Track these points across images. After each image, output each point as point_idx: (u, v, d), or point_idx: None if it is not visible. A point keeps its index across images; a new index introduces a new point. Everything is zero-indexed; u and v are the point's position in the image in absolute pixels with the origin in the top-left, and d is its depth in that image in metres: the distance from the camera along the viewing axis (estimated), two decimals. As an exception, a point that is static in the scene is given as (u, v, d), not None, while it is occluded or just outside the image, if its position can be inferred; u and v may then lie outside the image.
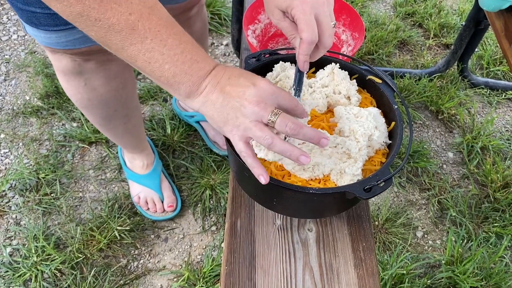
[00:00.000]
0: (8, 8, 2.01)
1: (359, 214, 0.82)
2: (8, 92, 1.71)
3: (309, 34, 0.62)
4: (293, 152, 0.58)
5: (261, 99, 0.58)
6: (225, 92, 0.58)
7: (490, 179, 1.54)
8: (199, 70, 0.58)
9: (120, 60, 1.04)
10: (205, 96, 0.59)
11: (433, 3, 2.20)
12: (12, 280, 1.25)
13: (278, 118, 0.57)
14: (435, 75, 1.83)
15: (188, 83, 0.58)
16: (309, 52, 0.64)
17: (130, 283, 1.28)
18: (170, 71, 0.57)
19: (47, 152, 1.54)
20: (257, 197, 0.76)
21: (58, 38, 0.84)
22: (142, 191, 1.39)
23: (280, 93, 0.60)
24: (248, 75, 0.60)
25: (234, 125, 0.58)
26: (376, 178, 0.63)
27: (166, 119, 1.60)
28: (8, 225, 1.37)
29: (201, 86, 0.59)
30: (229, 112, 0.58)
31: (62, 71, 0.97)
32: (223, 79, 0.59)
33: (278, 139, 0.57)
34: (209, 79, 0.59)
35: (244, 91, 0.58)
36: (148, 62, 0.56)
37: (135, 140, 1.31)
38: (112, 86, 1.03)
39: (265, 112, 0.57)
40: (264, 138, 0.57)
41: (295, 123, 0.57)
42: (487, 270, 1.32)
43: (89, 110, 1.08)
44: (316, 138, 0.59)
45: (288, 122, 0.57)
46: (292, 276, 0.73)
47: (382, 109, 0.77)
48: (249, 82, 0.59)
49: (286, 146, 0.57)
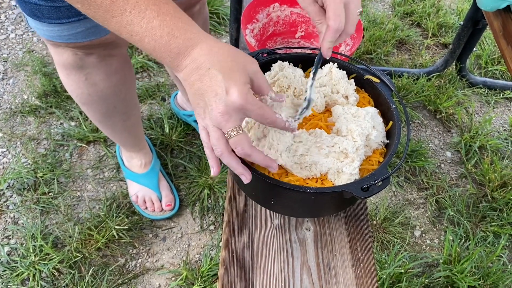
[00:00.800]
0: (6, 7, 2.00)
1: (357, 213, 0.82)
2: (6, 91, 1.70)
3: (336, 22, 0.63)
4: (237, 169, 0.61)
5: (227, 111, 0.57)
6: (202, 82, 0.58)
7: (488, 178, 1.55)
8: (178, 47, 0.57)
9: (121, 55, 1.04)
10: (184, 75, 0.59)
11: (431, 2, 2.20)
12: (10, 279, 1.24)
13: (235, 137, 0.58)
14: (433, 75, 1.84)
15: (167, 59, 0.58)
16: (334, 39, 0.66)
17: (128, 282, 1.28)
18: (149, 45, 0.57)
19: (45, 151, 1.54)
20: (255, 196, 0.76)
21: (60, 32, 0.85)
22: (140, 190, 1.39)
23: (250, 109, 0.57)
24: (228, 74, 0.57)
25: (200, 115, 0.59)
26: (374, 177, 0.63)
27: (164, 118, 1.60)
28: (6, 224, 1.36)
29: (180, 64, 0.58)
30: (200, 102, 0.59)
31: (63, 65, 0.97)
32: (205, 63, 0.58)
33: (227, 153, 0.59)
34: (188, 60, 0.58)
35: (216, 93, 0.56)
36: (130, 35, 0.57)
37: (133, 138, 1.30)
38: (112, 81, 1.03)
39: (226, 125, 0.57)
40: (217, 148, 0.59)
41: (245, 149, 0.58)
42: (484, 269, 1.33)
43: (88, 105, 1.08)
44: (263, 164, 0.62)
45: (240, 145, 0.58)
46: (290, 275, 0.73)
47: (379, 108, 0.78)
48: (224, 86, 0.56)
49: (232, 162, 0.60)
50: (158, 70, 1.80)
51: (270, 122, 0.60)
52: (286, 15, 1.06)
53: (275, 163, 0.62)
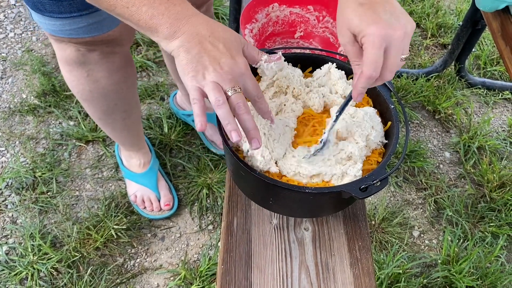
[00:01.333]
0: (5, 6, 2.00)
1: (355, 213, 0.82)
2: (5, 90, 1.70)
3: (370, 70, 0.58)
4: (230, 123, 0.58)
5: (231, 72, 0.59)
6: (203, 47, 0.59)
7: (487, 179, 1.55)
8: (177, 13, 0.59)
9: (123, 53, 1.03)
10: (181, 41, 0.60)
11: (430, 3, 2.20)
12: (8, 278, 1.24)
13: (236, 93, 0.59)
14: (432, 75, 1.84)
15: (165, 25, 0.59)
16: (367, 86, 0.62)
17: (126, 281, 1.28)
18: (147, 13, 0.58)
19: (44, 150, 1.53)
20: (254, 196, 0.76)
21: (62, 26, 0.85)
22: (139, 190, 1.39)
23: (251, 79, 0.61)
24: (231, 44, 0.61)
25: (196, 77, 0.59)
26: (372, 177, 0.63)
27: (163, 118, 1.60)
28: (4, 224, 1.36)
29: (179, 30, 0.59)
30: (198, 65, 0.59)
31: (65, 61, 0.97)
32: (204, 31, 0.60)
33: (226, 106, 0.58)
34: (188, 26, 0.60)
35: (221, 56, 0.59)
36: (126, 7, 0.58)
37: (133, 137, 1.30)
38: (114, 79, 1.03)
39: (228, 83, 0.59)
40: (217, 98, 0.58)
41: (246, 106, 0.60)
42: (483, 269, 1.33)
43: (89, 102, 1.08)
44: (250, 133, 0.60)
45: (241, 101, 0.59)
46: (288, 275, 0.73)
47: (378, 108, 0.78)
48: (229, 52, 0.60)
49: (229, 115, 0.59)
50: (157, 70, 1.80)
51: (259, 97, 0.63)
52: (285, 15, 1.06)
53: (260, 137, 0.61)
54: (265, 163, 0.67)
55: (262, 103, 0.64)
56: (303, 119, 0.76)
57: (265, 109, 0.65)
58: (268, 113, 0.65)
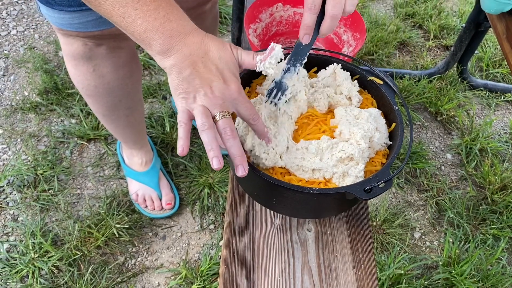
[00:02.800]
0: (8, 3, 2.00)
1: (358, 214, 0.82)
2: (7, 88, 1.70)
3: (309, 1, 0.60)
4: (213, 150, 0.58)
5: (222, 97, 0.59)
6: (195, 69, 0.59)
7: (488, 181, 1.55)
8: (171, 30, 0.59)
9: (129, 48, 1.04)
10: (175, 60, 0.59)
11: (433, 4, 2.20)
12: (9, 276, 1.24)
13: (224, 119, 0.59)
14: (435, 77, 1.84)
15: (158, 41, 0.59)
16: (309, 22, 0.62)
17: (127, 280, 1.28)
18: (142, 26, 0.58)
19: (45, 148, 1.53)
20: (257, 196, 0.76)
21: (71, 19, 0.85)
22: (141, 189, 1.39)
23: (243, 102, 0.61)
24: (225, 65, 0.61)
25: (187, 99, 0.59)
26: (376, 179, 0.63)
27: (165, 117, 1.60)
28: (6, 221, 1.36)
29: (172, 48, 0.59)
30: (189, 87, 0.59)
31: (72, 55, 0.97)
32: (198, 51, 0.60)
33: (212, 131, 0.58)
34: (181, 45, 0.59)
35: (212, 80, 0.59)
36: (122, 17, 0.58)
37: (136, 134, 1.30)
38: (119, 74, 1.03)
39: (218, 108, 0.59)
40: (203, 123, 0.58)
41: (233, 132, 0.59)
42: (484, 271, 1.33)
43: (94, 98, 1.08)
44: (236, 159, 0.59)
45: (228, 126, 0.59)
46: (291, 275, 0.73)
47: (382, 110, 0.77)
48: (222, 75, 0.60)
49: (212, 141, 0.58)
50: (159, 69, 1.79)
51: (254, 120, 0.62)
52: (289, 15, 1.06)
53: (246, 165, 0.60)
54: (270, 160, 0.67)
55: (257, 125, 0.63)
56: (307, 117, 0.75)
57: (261, 131, 0.64)
58: (265, 134, 0.65)
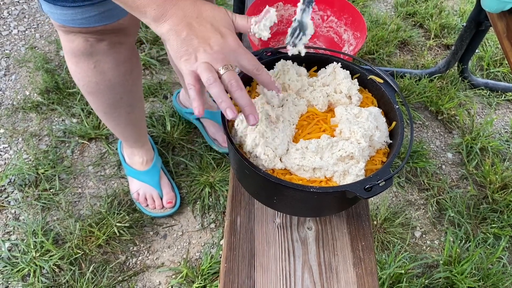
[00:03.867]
0: (9, 2, 2.00)
1: (359, 213, 0.82)
2: (8, 87, 1.70)
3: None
4: (224, 101, 0.59)
5: (222, 51, 0.60)
6: (191, 29, 0.61)
7: (489, 180, 1.55)
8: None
9: (130, 44, 1.04)
10: (170, 24, 0.61)
11: (434, 3, 2.20)
12: (10, 275, 1.25)
13: (228, 71, 0.60)
14: (435, 76, 1.84)
15: (152, 6, 0.60)
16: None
17: (128, 279, 1.29)
18: None
19: (47, 147, 1.54)
20: (257, 195, 0.76)
21: (74, 15, 0.85)
22: (141, 188, 1.39)
23: (244, 53, 0.62)
24: (219, 23, 0.63)
25: (189, 60, 0.60)
26: (377, 177, 0.63)
27: (166, 116, 1.60)
28: (7, 220, 1.36)
29: (166, 12, 0.61)
30: (189, 48, 0.60)
31: (73, 52, 0.97)
32: (191, 13, 0.62)
33: (218, 83, 0.59)
34: (175, 9, 0.61)
35: (210, 37, 0.61)
36: None
37: (137, 132, 1.30)
38: (120, 70, 1.03)
39: (220, 62, 0.60)
40: (208, 78, 0.59)
41: (238, 82, 0.60)
42: (484, 270, 1.33)
43: (95, 95, 1.08)
44: (245, 109, 0.61)
45: (233, 78, 0.60)
46: (291, 274, 0.73)
47: (383, 108, 0.78)
48: (218, 31, 0.62)
49: (222, 93, 0.59)
50: (160, 68, 1.80)
51: (258, 70, 0.63)
52: (290, 14, 1.06)
53: (257, 113, 0.61)
54: (269, 161, 0.67)
55: (263, 75, 0.64)
56: (307, 117, 0.76)
57: (268, 80, 0.65)
58: (272, 83, 0.66)
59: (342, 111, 0.73)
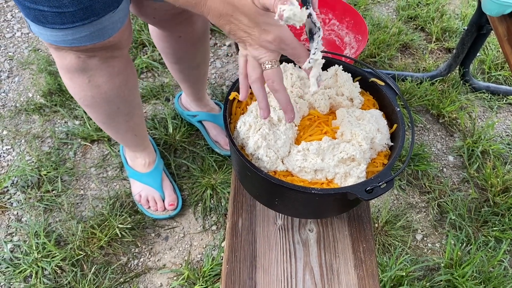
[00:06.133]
0: (12, 5, 2.02)
1: (360, 215, 0.82)
2: (11, 89, 1.71)
3: None
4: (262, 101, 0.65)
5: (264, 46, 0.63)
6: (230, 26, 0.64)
7: (490, 183, 1.55)
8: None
9: (123, 57, 1.04)
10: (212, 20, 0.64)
11: (435, 7, 2.20)
12: (12, 276, 1.25)
13: (270, 70, 0.64)
14: (437, 79, 1.84)
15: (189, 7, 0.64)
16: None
17: (130, 281, 1.29)
18: None
19: (49, 149, 1.54)
20: (259, 196, 0.76)
21: (64, 36, 0.85)
22: (143, 190, 1.40)
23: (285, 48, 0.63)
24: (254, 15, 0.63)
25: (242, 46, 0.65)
26: (378, 179, 0.64)
27: (168, 118, 1.61)
28: (10, 222, 1.37)
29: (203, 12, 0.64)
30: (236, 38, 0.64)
31: (66, 68, 0.97)
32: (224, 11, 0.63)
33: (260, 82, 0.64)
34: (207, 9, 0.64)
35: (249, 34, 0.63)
36: None
37: (137, 138, 1.31)
38: (115, 83, 1.03)
39: (263, 58, 0.63)
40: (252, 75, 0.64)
41: (276, 82, 0.64)
42: (486, 273, 1.33)
43: (92, 108, 1.09)
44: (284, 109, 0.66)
45: (272, 78, 0.64)
46: (293, 275, 0.74)
47: (384, 111, 0.78)
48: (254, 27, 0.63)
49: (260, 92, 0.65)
50: (162, 71, 1.81)
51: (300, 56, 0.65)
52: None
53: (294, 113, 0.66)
54: (271, 163, 0.67)
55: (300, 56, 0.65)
56: (309, 119, 0.76)
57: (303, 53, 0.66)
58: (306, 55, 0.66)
59: (343, 114, 0.74)
